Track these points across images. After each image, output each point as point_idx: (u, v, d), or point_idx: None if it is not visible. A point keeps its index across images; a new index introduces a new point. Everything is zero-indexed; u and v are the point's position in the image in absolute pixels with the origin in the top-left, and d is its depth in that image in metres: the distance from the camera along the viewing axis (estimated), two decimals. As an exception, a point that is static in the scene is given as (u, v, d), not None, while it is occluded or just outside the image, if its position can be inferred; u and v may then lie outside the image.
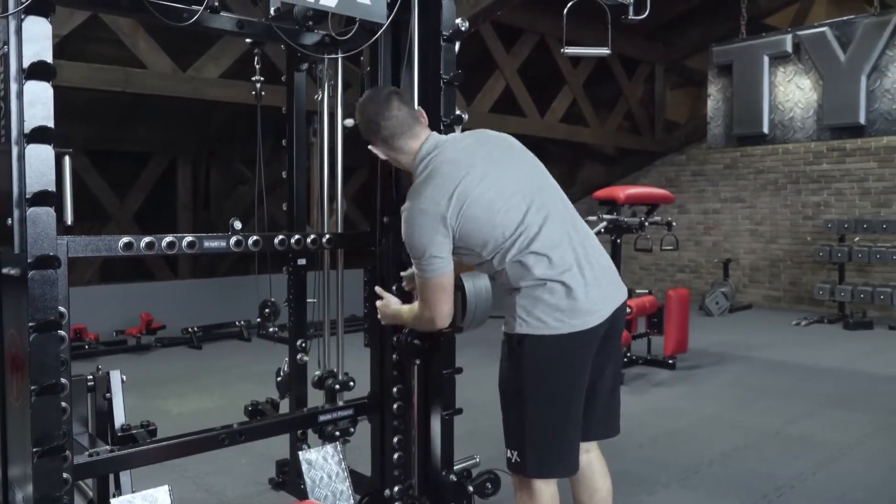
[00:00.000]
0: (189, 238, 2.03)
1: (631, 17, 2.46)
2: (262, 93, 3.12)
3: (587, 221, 5.57)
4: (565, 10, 2.58)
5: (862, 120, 6.12)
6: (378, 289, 2.34)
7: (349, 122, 2.95)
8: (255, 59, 3.11)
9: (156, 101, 6.59)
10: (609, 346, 2.05)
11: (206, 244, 2.07)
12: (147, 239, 1.95)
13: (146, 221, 8.82)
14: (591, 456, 2.19)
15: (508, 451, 2.02)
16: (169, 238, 1.99)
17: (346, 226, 2.84)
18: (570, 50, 2.62)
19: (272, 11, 2.72)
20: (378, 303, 2.31)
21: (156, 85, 5.60)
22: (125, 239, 1.92)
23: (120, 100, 6.60)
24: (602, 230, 5.30)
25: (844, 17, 6.46)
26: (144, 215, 8.81)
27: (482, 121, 8.10)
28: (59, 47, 5.24)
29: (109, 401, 2.27)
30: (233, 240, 2.12)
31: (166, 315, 6.66)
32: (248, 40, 2.99)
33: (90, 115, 7.33)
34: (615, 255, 5.47)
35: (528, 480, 2.00)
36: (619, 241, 5.43)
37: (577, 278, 1.93)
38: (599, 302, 1.96)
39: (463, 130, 2.55)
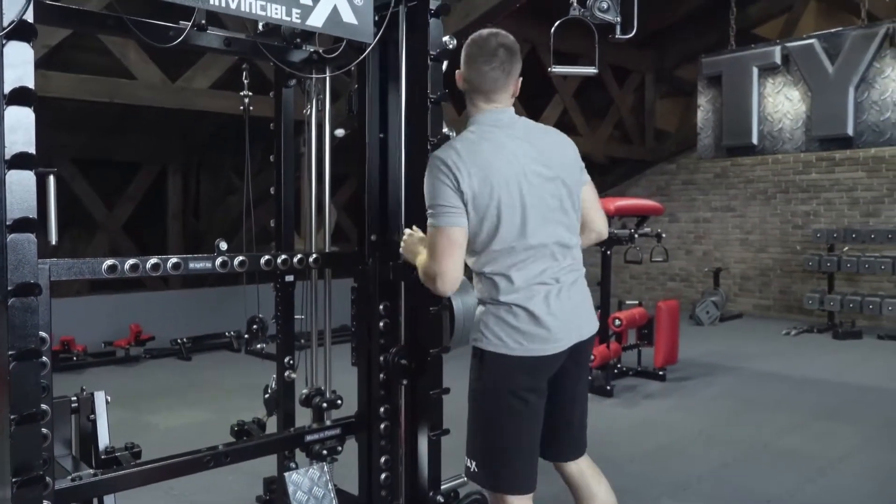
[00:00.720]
0: (174, 259, 2.01)
1: (618, 35, 2.46)
2: (251, 107, 3.12)
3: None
4: (552, 29, 2.58)
5: (850, 131, 6.16)
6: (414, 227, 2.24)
7: (340, 132, 2.95)
8: (244, 73, 3.11)
9: (146, 111, 6.56)
10: (578, 371, 2.12)
11: (192, 265, 2.05)
12: (131, 261, 1.93)
13: (136, 231, 8.78)
14: (580, 465, 2.21)
15: (467, 459, 2.08)
16: (153, 260, 1.98)
17: (338, 235, 2.84)
18: (558, 69, 2.62)
19: (260, 27, 2.74)
20: (406, 231, 2.25)
21: (145, 96, 5.57)
22: (109, 261, 1.90)
23: (110, 109, 6.57)
24: (592, 242, 5.29)
25: (832, 30, 6.51)
26: (134, 225, 8.76)
27: (473, 130, 8.10)
28: (48, 58, 5.21)
29: (94, 422, 2.25)
30: (218, 260, 2.10)
31: (156, 326, 6.62)
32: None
33: (80, 123, 7.29)
34: (605, 267, 5.48)
35: (499, 495, 2.05)
36: (609, 252, 5.44)
37: (542, 307, 1.97)
38: (560, 332, 1.99)
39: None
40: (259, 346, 3.13)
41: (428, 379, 2.35)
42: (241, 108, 3.11)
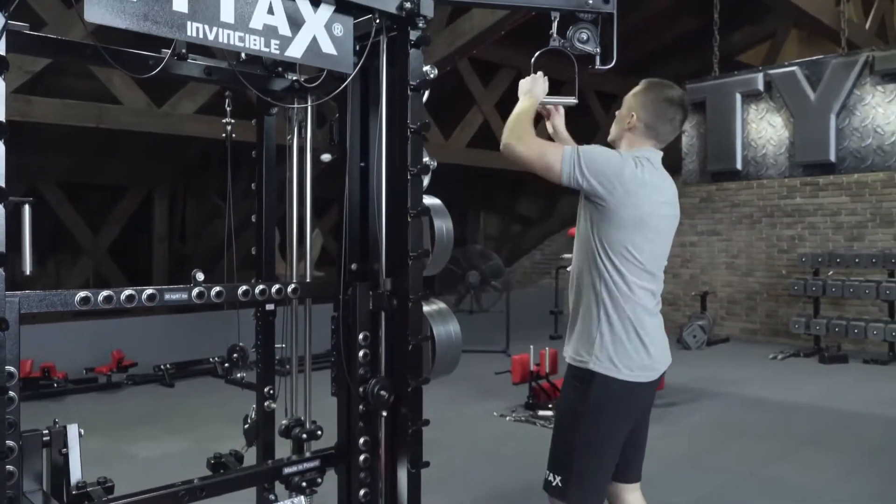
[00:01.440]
0: (149, 291, 1.98)
1: (598, 66, 2.47)
2: (234, 135, 3.11)
3: (562, 258, 5.57)
4: (533, 60, 2.60)
5: (832, 157, 6.21)
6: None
7: (326, 157, 2.94)
8: (227, 100, 3.10)
9: (132, 134, 6.55)
10: (652, 398, 2.35)
11: (168, 297, 2.02)
12: (105, 293, 1.90)
13: (121, 255, 8.72)
14: (636, 495, 2.41)
15: (551, 474, 2.18)
16: (128, 291, 1.94)
17: (325, 259, 2.82)
18: (540, 99, 2.62)
19: (243, 56, 2.74)
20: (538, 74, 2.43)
21: (130, 121, 5.57)
22: (82, 293, 1.87)
23: (96, 132, 6.55)
24: (578, 267, 5.30)
25: (814, 57, 6.59)
26: (119, 249, 8.71)
27: (460, 155, 8.14)
28: (33, 83, 5.21)
29: (66, 456, 2.20)
30: (195, 291, 2.08)
31: (140, 351, 6.55)
32: (218, 83, 2.97)
33: (66, 147, 7.27)
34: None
35: None
36: (594, 277, 5.43)
37: (650, 335, 2.19)
38: (659, 360, 2.23)
39: (433, 175, 2.56)
40: (239, 375, 3.09)
41: (408, 411, 2.32)
42: (224, 135, 3.10)
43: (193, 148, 7.85)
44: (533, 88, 2.44)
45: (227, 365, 3.07)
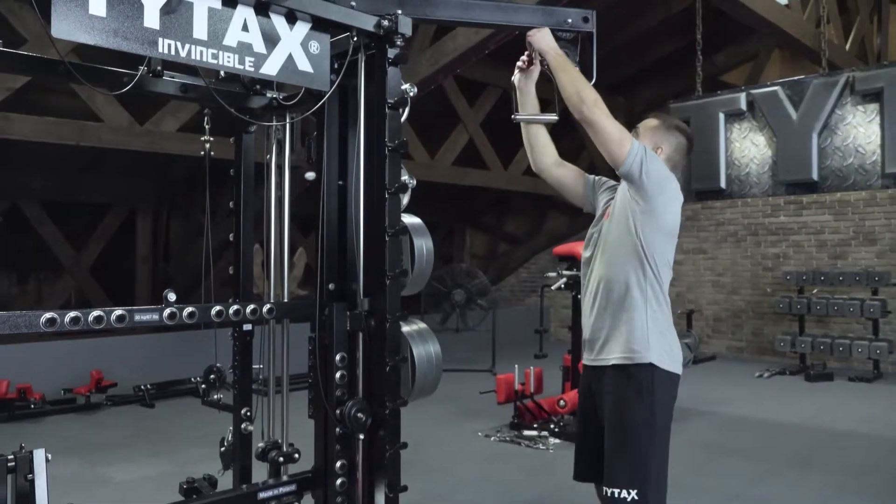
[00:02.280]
0: (118, 312, 1.93)
1: (577, 85, 2.46)
2: (213, 153, 3.07)
3: (547, 277, 5.54)
4: (513, 78, 2.59)
5: (815, 176, 6.25)
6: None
7: (311, 175, 2.90)
8: (206, 118, 3.07)
9: (116, 152, 6.50)
10: None
11: (138, 318, 1.98)
12: (72, 314, 1.86)
13: (103, 274, 8.62)
14: None
15: (623, 490, 2.13)
16: (96, 313, 1.90)
17: (310, 278, 2.77)
18: (520, 116, 2.63)
19: (222, 73, 2.72)
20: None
21: (111, 139, 5.52)
22: (48, 315, 1.82)
23: (79, 150, 6.50)
24: (562, 286, 5.29)
25: (795, 77, 6.66)
26: (102, 268, 8.61)
27: (445, 173, 8.14)
28: (13, 100, 5.16)
29: (31, 482, 2.13)
30: (166, 312, 2.03)
31: (120, 371, 6.45)
32: (197, 101, 2.94)
33: (48, 165, 7.21)
34: (576, 312, 5.45)
35: None
36: (579, 296, 5.41)
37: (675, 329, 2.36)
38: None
39: (416, 192, 2.53)
40: (216, 396, 3.04)
41: (386, 433, 2.27)
42: (202, 153, 3.06)
43: (178, 166, 7.81)
44: (553, 41, 2.41)
45: (203, 386, 3.02)
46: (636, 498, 2.11)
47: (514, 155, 9.05)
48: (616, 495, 2.13)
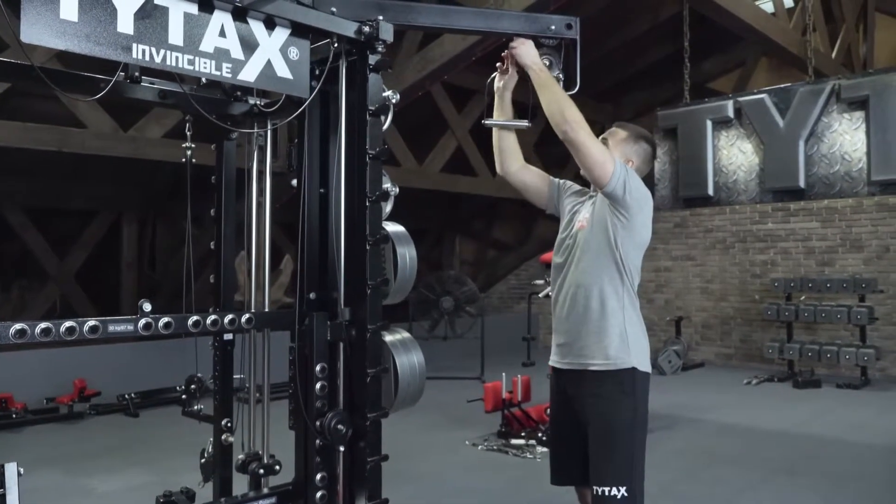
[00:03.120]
0: (91, 322, 1.89)
1: (561, 92, 2.44)
2: (194, 160, 3.03)
3: (533, 285, 5.51)
4: (488, 81, 2.59)
5: (802, 184, 6.28)
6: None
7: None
8: (187, 125, 3.04)
9: (101, 159, 6.44)
10: None
11: (112, 328, 1.94)
12: (43, 325, 1.82)
13: (88, 281, 8.54)
14: None
15: (612, 488, 2.18)
16: (68, 323, 1.86)
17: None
18: (491, 121, 2.62)
19: (203, 80, 2.68)
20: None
21: (95, 145, 5.47)
22: (17, 326, 1.78)
23: (63, 156, 6.43)
24: (549, 293, 5.26)
25: (782, 85, 6.69)
26: (87, 275, 8.53)
27: (434, 180, 8.12)
28: (-4, 105, 5.10)
29: (2, 497, 2.08)
30: (141, 323, 1.99)
31: (103, 380, 6.37)
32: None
33: (32, 171, 7.14)
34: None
35: None
36: (567, 304, 5.40)
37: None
38: None
39: (404, 199, 2.51)
40: (197, 407, 2.99)
41: (366, 445, 2.24)
42: (184, 160, 3.02)
43: (164, 173, 7.75)
44: (537, 56, 2.41)
45: (184, 396, 2.97)
46: (625, 495, 2.17)
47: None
48: (607, 493, 2.19)
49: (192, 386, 2.97)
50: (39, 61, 3.22)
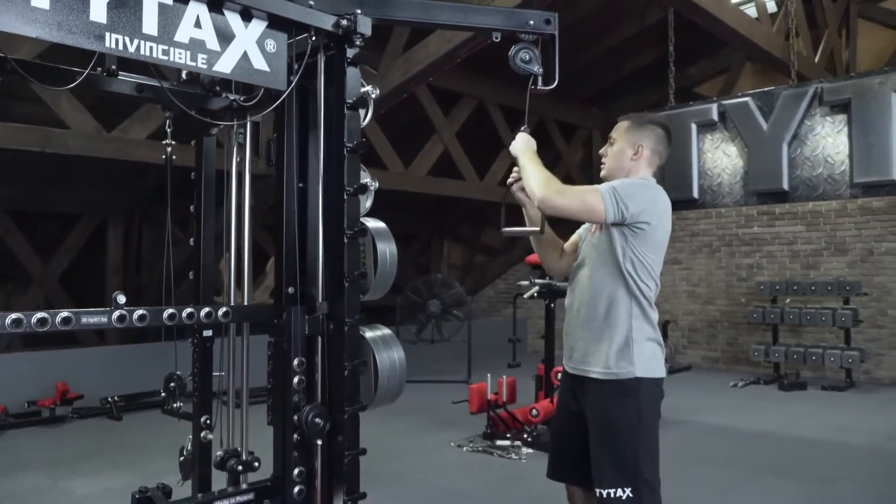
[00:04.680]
0: (64, 314, 1.88)
1: (540, 87, 2.46)
2: (178, 160, 3.02)
3: (519, 286, 5.50)
4: (502, 195, 2.60)
5: (785, 186, 6.33)
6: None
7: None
8: (167, 122, 3.02)
9: (86, 161, 6.40)
10: None
11: (85, 320, 1.92)
12: (14, 315, 1.80)
13: (73, 284, 8.47)
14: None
15: (617, 489, 2.19)
16: (40, 315, 1.84)
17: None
18: (507, 230, 2.67)
19: (184, 76, 2.68)
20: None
21: (78, 146, 5.43)
22: (-13, 316, 1.76)
23: (48, 159, 6.38)
24: (535, 294, 5.27)
25: (766, 88, 6.74)
26: (71, 278, 8.46)
27: (420, 183, 8.12)
28: (-23, 106, 5.06)
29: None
30: (115, 314, 1.97)
31: (88, 384, 6.30)
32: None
33: (15, 174, 7.09)
34: (549, 319, 5.44)
35: None
36: (552, 305, 5.40)
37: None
38: None
39: (383, 206, 2.51)
40: (176, 405, 2.97)
41: (344, 439, 2.23)
42: (164, 156, 3.01)
43: (149, 176, 7.71)
44: (527, 143, 2.47)
45: (163, 394, 2.95)
46: (630, 496, 2.18)
47: (490, 165, 9.05)
48: (611, 495, 2.20)
49: (172, 384, 2.95)
50: (26, 58, 3.19)
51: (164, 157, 3.04)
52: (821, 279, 8.20)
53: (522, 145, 2.44)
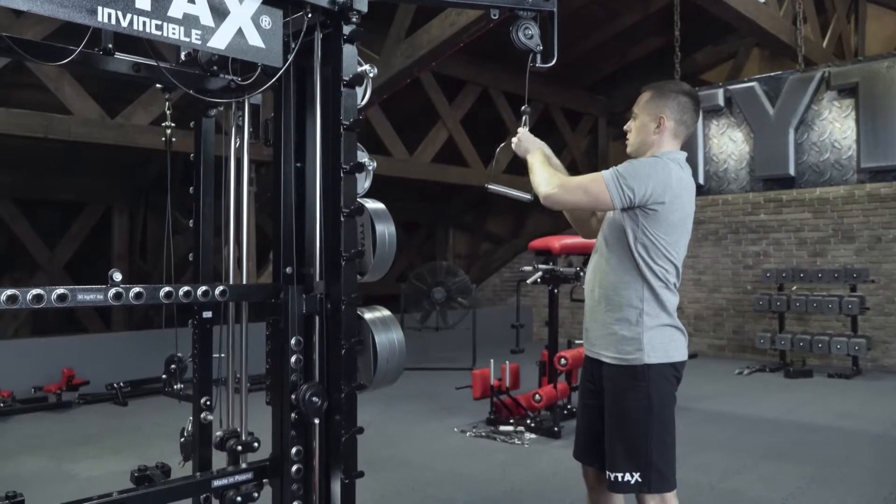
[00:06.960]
0: (60, 290, 1.87)
1: (539, 64, 2.43)
2: (173, 138, 3.01)
3: (522, 272, 5.48)
4: (497, 149, 2.57)
5: (792, 172, 6.27)
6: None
7: None
8: (167, 104, 3.02)
9: (91, 149, 6.41)
10: None
11: (80, 297, 1.92)
12: (9, 292, 1.80)
13: (79, 272, 8.51)
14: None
15: (626, 473, 2.20)
16: (36, 291, 1.84)
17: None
18: (492, 187, 2.70)
19: (182, 56, 2.67)
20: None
21: (81, 132, 5.43)
22: (-19, 293, 1.76)
23: (53, 147, 6.40)
24: (538, 280, 5.25)
25: (772, 73, 6.68)
26: (77, 266, 8.50)
27: (424, 170, 8.10)
28: (-20, 92, 5.07)
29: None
30: (111, 292, 1.97)
31: (92, 369, 6.34)
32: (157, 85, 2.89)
33: (21, 162, 7.11)
34: (552, 305, 5.42)
35: (659, 496, 2.21)
36: (556, 291, 5.39)
37: (677, 317, 2.33)
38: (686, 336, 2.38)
39: (374, 179, 2.49)
40: (177, 386, 2.98)
41: (342, 418, 2.23)
42: (163, 139, 3.00)
43: (154, 164, 7.73)
44: (530, 141, 2.51)
45: (164, 376, 2.96)
46: (639, 480, 2.18)
47: (495, 153, 9.01)
48: (620, 479, 2.21)
49: (172, 366, 2.96)
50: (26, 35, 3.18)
51: (163, 139, 3.05)
52: (827, 267, 8.15)
53: (532, 145, 2.45)
